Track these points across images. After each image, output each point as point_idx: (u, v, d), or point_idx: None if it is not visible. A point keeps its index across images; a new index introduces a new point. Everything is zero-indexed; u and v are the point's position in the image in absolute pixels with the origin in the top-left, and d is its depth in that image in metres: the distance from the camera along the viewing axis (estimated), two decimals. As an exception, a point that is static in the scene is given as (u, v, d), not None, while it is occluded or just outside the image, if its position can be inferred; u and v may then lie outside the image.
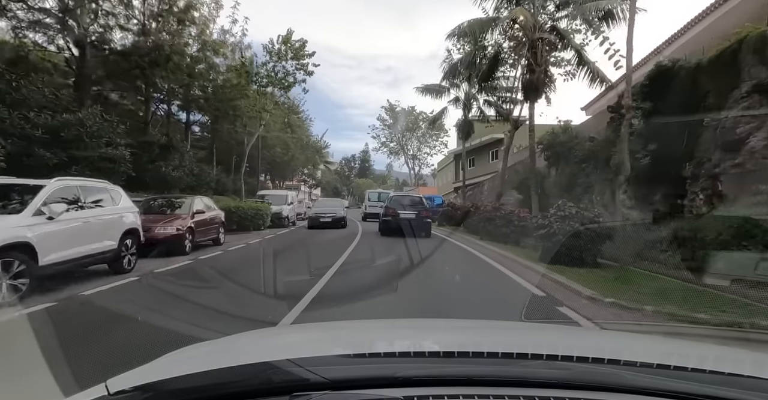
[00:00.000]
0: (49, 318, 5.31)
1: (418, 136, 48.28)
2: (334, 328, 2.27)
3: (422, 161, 50.81)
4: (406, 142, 49.33)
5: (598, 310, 6.20)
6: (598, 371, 1.14)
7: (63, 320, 5.33)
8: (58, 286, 6.86)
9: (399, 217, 16.98)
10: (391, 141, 51.32)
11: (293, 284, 7.26)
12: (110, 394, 1.06)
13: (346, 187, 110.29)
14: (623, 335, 2.81)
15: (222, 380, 1.08)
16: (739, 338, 4.91)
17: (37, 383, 2.82)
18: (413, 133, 48.22)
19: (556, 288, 7.70)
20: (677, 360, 1.25)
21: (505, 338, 1.81)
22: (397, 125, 47.51)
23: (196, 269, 9.42)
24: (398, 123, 47.26)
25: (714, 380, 1.11)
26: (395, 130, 48.47)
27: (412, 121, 46.83)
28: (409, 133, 48.46)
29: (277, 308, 5.86)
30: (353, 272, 9.30)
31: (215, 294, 7.18)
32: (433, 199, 28.76)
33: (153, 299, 6.87)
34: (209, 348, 1.67)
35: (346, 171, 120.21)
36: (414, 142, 49.51)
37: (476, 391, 1.04)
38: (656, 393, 1.05)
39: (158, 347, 2.79)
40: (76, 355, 3.71)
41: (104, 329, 4.96)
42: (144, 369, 1.30)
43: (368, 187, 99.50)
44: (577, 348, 1.42)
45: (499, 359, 1.26)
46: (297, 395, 1.00)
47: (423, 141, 49.10)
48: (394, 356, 1.34)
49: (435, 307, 6.18)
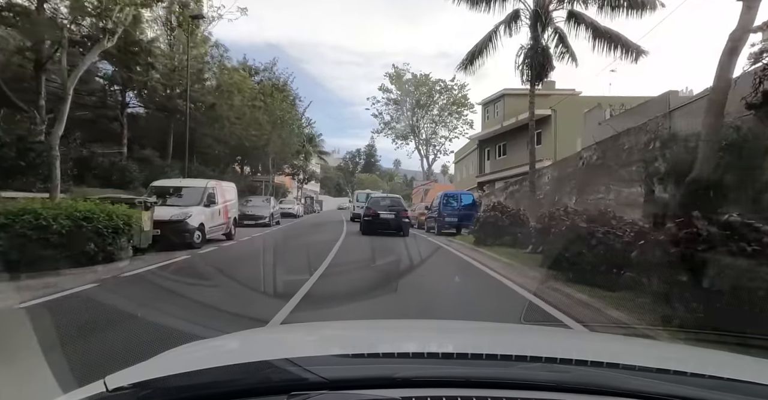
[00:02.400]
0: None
1: (433, 116, 34.69)
2: (333, 328, 2.25)
3: (438, 148, 37.75)
4: (418, 121, 35.07)
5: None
6: (597, 375, 1.16)
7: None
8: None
9: (379, 217, 17.96)
10: (398, 120, 36.41)
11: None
12: (108, 391, 1.06)
13: (349, 184, 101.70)
14: (623, 339, 2.80)
15: (220, 378, 1.09)
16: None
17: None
18: (427, 111, 34.36)
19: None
20: (676, 364, 1.26)
21: (504, 340, 1.81)
22: (406, 99, 33.89)
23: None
24: (407, 96, 33.81)
25: (713, 385, 1.11)
26: (403, 106, 34.67)
27: (425, 94, 33.40)
28: (421, 111, 34.37)
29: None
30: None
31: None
32: (459, 197, 19.34)
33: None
34: (208, 346, 1.66)
35: (350, 166, 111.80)
36: (428, 123, 35.42)
37: (475, 393, 1.04)
38: (654, 397, 1.05)
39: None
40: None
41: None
42: (143, 366, 1.31)
43: (372, 183, 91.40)
44: (576, 351, 1.44)
45: (497, 361, 1.26)
46: (295, 394, 0.99)
47: (440, 120, 34.51)
48: (392, 357, 1.33)
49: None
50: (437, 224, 19.11)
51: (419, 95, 31.23)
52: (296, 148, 34.77)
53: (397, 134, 34.64)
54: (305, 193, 64.72)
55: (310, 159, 50.76)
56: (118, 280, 7.36)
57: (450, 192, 20.25)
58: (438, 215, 19.00)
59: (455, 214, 18.25)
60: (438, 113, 32.54)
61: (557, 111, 25.99)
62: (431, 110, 32.23)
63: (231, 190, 14.49)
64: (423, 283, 8.03)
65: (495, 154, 33.21)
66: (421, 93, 31.17)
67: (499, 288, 7.81)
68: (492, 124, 32.90)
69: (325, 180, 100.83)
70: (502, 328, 2.50)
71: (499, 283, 8.25)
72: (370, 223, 17.92)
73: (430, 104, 31.70)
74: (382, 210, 18.22)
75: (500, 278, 8.62)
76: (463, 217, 17.96)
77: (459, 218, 18.09)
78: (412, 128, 33.49)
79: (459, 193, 20.13)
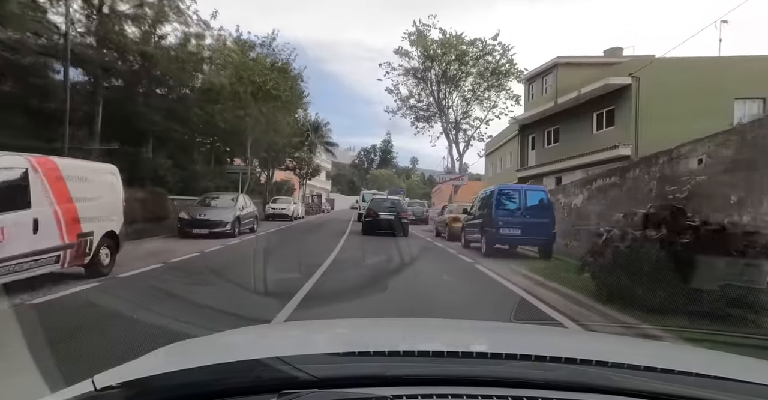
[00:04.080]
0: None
1: (465, 93, 25.42)
2: (324, 326, 2.18)
3: (472, 133, 28.28)
4: (447, 96, 25.48)
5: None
6: (585, 373, 1.15)
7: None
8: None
9: (379, 218, 18.23)
10: (419, 97, 26.38)
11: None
12: (97, 390, 1.04)
13: (364, 182, 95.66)
14: (613, 338, 2.83)
15: (210, 377, 1.08)
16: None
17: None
18: (457, 84, 24.96)
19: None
20: (664, 363, 1.25)
21: (494, 338, 1.82)
22: (432, 66, 24.01)
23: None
24: (433, 63, 23.98)
25: (700, 383, 1.12)
26: (427, 76, 24.92)
27: (456, 60, 23.87)
28: (448, 86, 24.92)
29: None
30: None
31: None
32: (522, 194, 11.61)
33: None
34: (198, 345, 1.63)
35: (365, 163, 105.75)
36: (458, 99, 25.94)
37: (465, 391, 1.04)
38: (641, 395, 1.05)
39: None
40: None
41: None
42: (132, 365, 1.29)
43: (387, 181, 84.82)
44: (566, 349, 1.44)
45: (488, 360, 1.27)
46: (285, 392, 0.97)
47: (474, 97, 25.38)
48: (383, 355, 1.31)
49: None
50: (486, 238, 12.01)
51: (449, 62, 23.06)
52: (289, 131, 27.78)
53: (417, 115, 26.27)
54: (313, 191, 58.25)
55: (316, 151, 44.11)
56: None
57: (508, 186, 13.19)
58: (488, 223, 12.03)
59: (517, 222, 11.40)
60: (472, 87, 24.48)
61: (640, 79, 18.86)
62: (463, 82, 24.18)
63: (97, 177, 7.34)
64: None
65: (543, 142, 26.08)
66: (451, 59, 23.09)
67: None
68: (538, 103, 25.78)
69: (338, 177, 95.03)
70: (493, 327, 2.41)
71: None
72: (370, 223, 18.40)
73: (461, 76, 23.69)
74: (382, 211, 18.74)
75: None
76: (531, 227, 11.06)
77: (523, 228, 11.38)
78: (438, 105, 25.26)
79: (522, 189, 12.54)
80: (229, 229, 14.09)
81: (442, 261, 11.17)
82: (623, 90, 19.37)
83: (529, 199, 11.58)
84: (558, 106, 23.01)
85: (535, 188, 12.44)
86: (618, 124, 19.95)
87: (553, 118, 24.48)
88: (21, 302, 5.38)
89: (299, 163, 39.65)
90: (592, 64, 24.14)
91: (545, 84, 25.91)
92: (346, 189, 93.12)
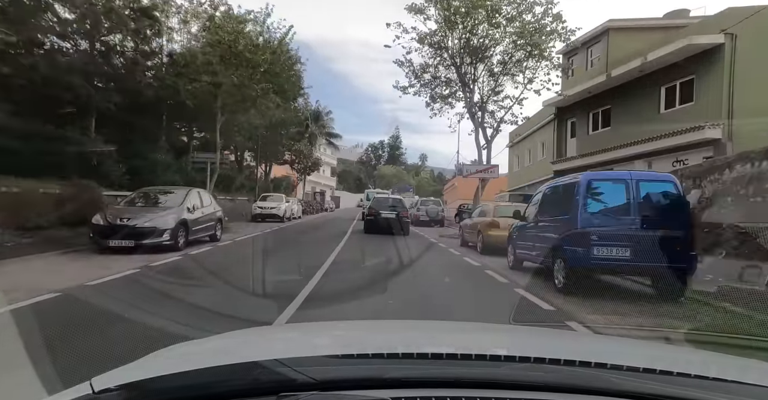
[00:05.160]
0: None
1: (491, 66, 20.43)
2: (323, 328, 2.18)
3: (502, 116, 21.90)
4: (473, 68, 20.32)
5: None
6: (585, 375, 1.14)
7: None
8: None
9: (381, 216, 18.62)
10: (436, 71, 20.73)
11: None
12: (95, 392, 1.03)
13: (371, 179, 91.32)
14: (612, 340, 2.78)
15: (209, 380, 1.06)
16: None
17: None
18: (484, 55, 19.86)
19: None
20: (663, 365, 1.24)
21: (493, 340, 1.81)
22: (457, 26, 18.73)
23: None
24: (455, 26, 18.73)
25: (698, 384, 1.11)
26: (447, 44, 19.56)
27: (482, 22, 18.69)
28: (471, 58, 19.89)
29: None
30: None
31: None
32: (634, 183, 6.18)
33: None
34: (196, 347, 1.62)
35: (372, 160, 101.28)
36: (485, 75, 20.81)
37: (464, 393, 1.03)
38: (641, 397, 1.04)
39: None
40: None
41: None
42: (130, 367, 1.28)
43: (395, 178, 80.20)
44: (564, 351, 1.41)
45: (487, 362, 1.24)
46: (284, 395, 0.97)
47: (506, 70, 20.24)
48: (382, 357, 1.29)
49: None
50: (565, 262, 7.00)
51: (474, 24, 17.54)
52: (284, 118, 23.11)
53: (434, 93, 20.77)
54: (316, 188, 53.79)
55: (316, 143, 39.62)
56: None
57: (603, 174, 8.08)
58: (567, 237, 6.98)
59: (624, 236, 6.41)
60: (502, 58, 19.01)
61: (736, 36, 14.17)
62: (492, 51, 18.62)
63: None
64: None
65: (587, 128, 21.39)
66: (480, 18, 17.51)
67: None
68: (579, 81, 21.08)
69: (344, 174, 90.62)
70: (492, 328, 2.43)
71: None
72: (372, 222, 18.83)
73: (490, 43, 18.15)
74: (383, 210, 19.12)
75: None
76: (649, 245, 6.10)
77: (635, 247, 6.33)
78: (461, 78, 19.78)
79: (632, 178, 6.90)
80: (167, 239, 9.62)
81: (484, 308, 6.65)
82: (709, 53, 14.69)
83: (644, 194, 6.73)
84: (611, 80, 18.32)
85: (656, 177, 7.23)
86: (699, 100, 15.27)
87: (601, 97, 19.80)
88: None
89: (297, 156, 35.17)
90: (653, 27, 19.47)
91: (590, 56, 21.19)
92: (352, 186, 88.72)
